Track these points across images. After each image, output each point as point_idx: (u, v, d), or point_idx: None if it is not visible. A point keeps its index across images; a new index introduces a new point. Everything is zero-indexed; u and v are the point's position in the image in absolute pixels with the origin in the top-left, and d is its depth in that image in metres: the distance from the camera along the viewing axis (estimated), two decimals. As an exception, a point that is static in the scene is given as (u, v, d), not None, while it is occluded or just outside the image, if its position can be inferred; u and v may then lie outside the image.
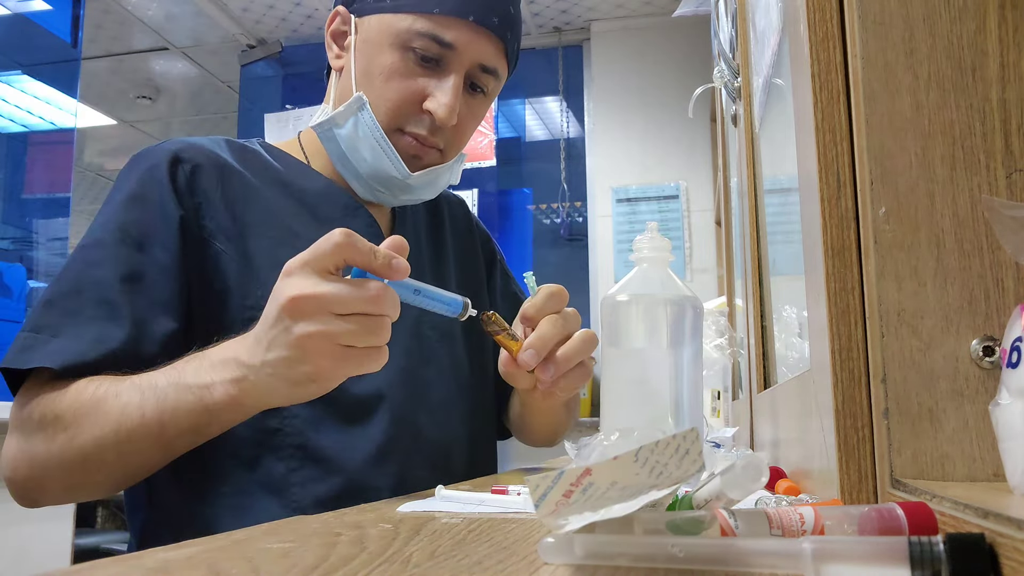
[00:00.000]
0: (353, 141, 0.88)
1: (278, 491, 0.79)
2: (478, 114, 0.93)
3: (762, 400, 1.05)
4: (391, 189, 0.91)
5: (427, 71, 0.86)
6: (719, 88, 1.48)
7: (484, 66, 0.88)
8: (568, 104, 4.02)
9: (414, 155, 0.88)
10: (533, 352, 0.72)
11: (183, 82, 4.60)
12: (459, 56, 0.86)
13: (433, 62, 0.86)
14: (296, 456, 0.80)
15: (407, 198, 0.94)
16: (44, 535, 2.23)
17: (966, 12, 0.45)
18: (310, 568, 0.36)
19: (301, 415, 0.81)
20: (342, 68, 0.91)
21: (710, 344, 1.35)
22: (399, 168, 0.87)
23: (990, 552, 0.29)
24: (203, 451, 0.80)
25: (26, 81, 3.45)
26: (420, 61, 0.85)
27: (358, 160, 0.89)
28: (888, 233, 0.44)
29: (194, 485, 0.80)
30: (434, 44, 0.84)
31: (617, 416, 0.67)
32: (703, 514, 0.37)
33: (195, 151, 0.86)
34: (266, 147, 0.95)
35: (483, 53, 0.87)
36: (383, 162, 0.87)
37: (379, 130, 0.86)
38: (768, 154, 1.01)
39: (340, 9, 0.92)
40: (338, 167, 0.92)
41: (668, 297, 0.66)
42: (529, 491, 0.34)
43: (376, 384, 0.85)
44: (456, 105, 0.86)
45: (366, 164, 0.88)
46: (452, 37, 0.85)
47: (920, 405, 0.43)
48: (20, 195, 3.44)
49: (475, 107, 0.91)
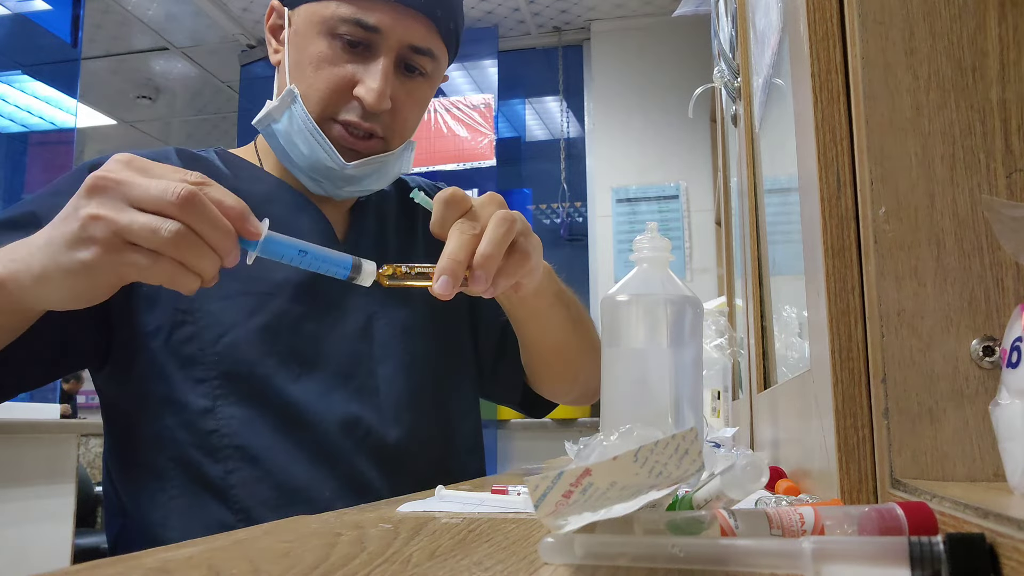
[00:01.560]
0: (290, 135, 0.87)
1: (220, 493, 0.79)
2: (419, 97, 0.90)
3: (762, 400, 1.05)
4: (333, 180, 0.89)
5: (355, 57, 0.85)
6: (719, 88, 1.48)
7: (415, 47, 0.86)
8: (568, 104, 4.02)
9: (349, 145, 0.87)
10: (446, 279, 0.63)
11: (183, 82, 4.61)
12: (386, 39, 0.84)
13: (361, 47, 0.84)
14: (233, 457, 0.80)
15: (353, 189, 0.91)
16: (44, 535, 2.24)
17: (966, 11, 0.45)
18: (310, 568, 0.36)
19: (237, 416, 0.80)
20: (279, 63, 0.90)
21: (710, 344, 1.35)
22: (334, 158, 0.86)
23: (990, 552, 0.29)
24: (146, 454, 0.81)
25: (26, 81, 3.46)
26: (347, 47, 0.84)
27: (296, 154, 0.87)
28: (888, 233, 0.44)
29: (144, 490, 0.81)
30: (359, 28, 0.83)
31: (617, 416, 0.67)
32: (703, 514, 0.37)
33: None
34: (221, 155, 0.95)
35: (412, 34, 0.85)
36: (318, 153, 0.86)
37: (311, 121, 0.85)
38: (768, 154, 1.01)
39: (274, 3, 0.91)
40: (284, 163, 0.90)
41: (668, 297, 0.66)
42: (529, 491, 0.34)
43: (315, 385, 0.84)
44: (385, 89, 0.84)
45: (304, 157, 0.87)
46: (376, 20, 0.83)
47: (920, 405, 0.43)
48: (20, 195, 3.44)
49: (414, 90, 0.89)
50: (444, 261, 0.64)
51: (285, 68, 0.88)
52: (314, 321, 0.87)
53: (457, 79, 4.12)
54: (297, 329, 0.86)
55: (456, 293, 0.64)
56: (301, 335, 0.86)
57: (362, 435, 0.85)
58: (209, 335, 0.82)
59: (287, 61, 0.88)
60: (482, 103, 3.82)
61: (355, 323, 0.90)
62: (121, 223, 0.55)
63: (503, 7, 3.74)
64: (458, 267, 0.64)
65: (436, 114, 3.85)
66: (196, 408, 0.80)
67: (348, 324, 0.89)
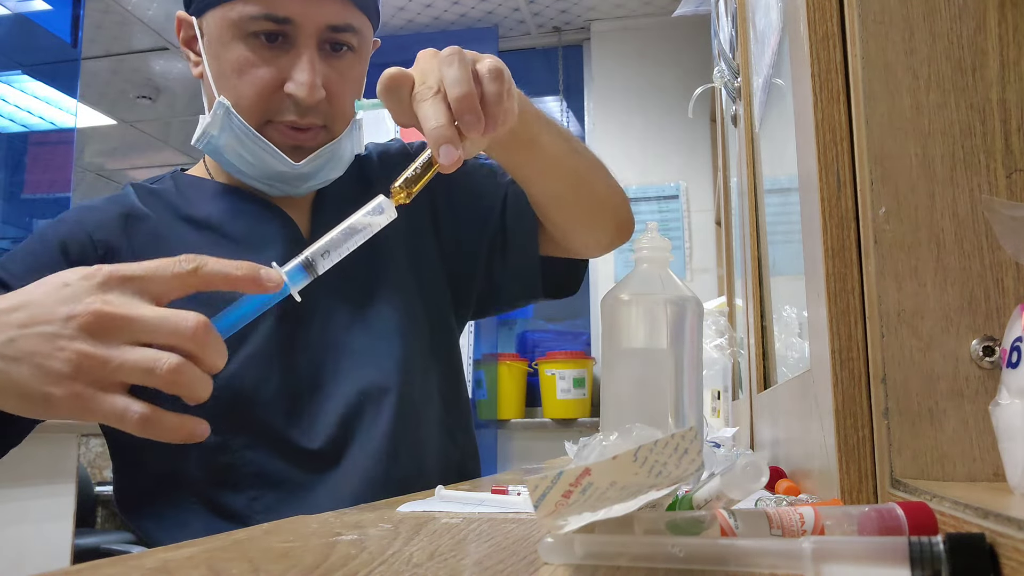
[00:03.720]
0: (233, 147, 0.84)
1: (245, 521, 0.79)
2: (350, 76, 0.86)
3: (762, 400, 1.05)
4: (288, 182, 0.87)
5: (276, 53, 0.82)
6: (719, 88, 1.48)
7: (334, 26, 0.83)
8: (568, 104, 4.02)
9: (293, 146, 0.84)
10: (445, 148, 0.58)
11: (183, 82, 4.60)
12: (301, 27, 0.81)
13: (279, 40, 0.81)
14: (256, 485, 0.80)
15: (312, 184, 0.89)
16: (44, 535, 2.23)
17: (966, 11, 0.45)
18: (310, 568, 0.36)
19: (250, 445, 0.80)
20: (202, 74, 0.87)
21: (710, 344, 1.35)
22: (283, 162, 0.83)
23: (990, 552, 0.29)
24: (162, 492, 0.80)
25: (26, 81, 3.45)
26: (266, 44, 0.81)
27: (244, 164, 0.85)
28: (888, 233, 0.44)
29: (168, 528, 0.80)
30: (271, 23, 0.80)
31: (617, 416, 0.67)
32: (703, 514, 0.37)
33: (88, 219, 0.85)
34: (176, 178, 0.93)
35: (326, 14, 0.82)
36: (266, 160, 0.83)
37: (250, 130, 0.82)
38: (768, 154, 1.01)
39: (180, 14, 0.88)
40: (235, 176, 0.88)
41: (668, 297, 0.66)
42: (528, 491, 0.34)
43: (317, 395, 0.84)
44: (315, 79, 0.81)
45: (252, 166, 0.85)
46: (287, 11, 0.80)
47: (920, 405, 0.43)
48: (20, 195, 3.44)
49: (343, 69, 0.85)
50: (429, 135, 0.59)
51: (209, 79, 0.85)
52: (303, 334, 0.86)
53: (457, 79, 4.11)
54: (290, 347, 0.85)
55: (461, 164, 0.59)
56: (295, 351, 0.85)
57: (370, 435, 0.86)
58: None
59: (208, 72, 0.85)
60: (482, 103, 3.81)
61: (344, 326, 0.89)
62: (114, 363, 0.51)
63: (503, 7, 3.73)
64: (445, 130, 0.59)
65: (436, 114, 3.84)
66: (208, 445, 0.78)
67: (338, 329, 0.89)
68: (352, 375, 0.87)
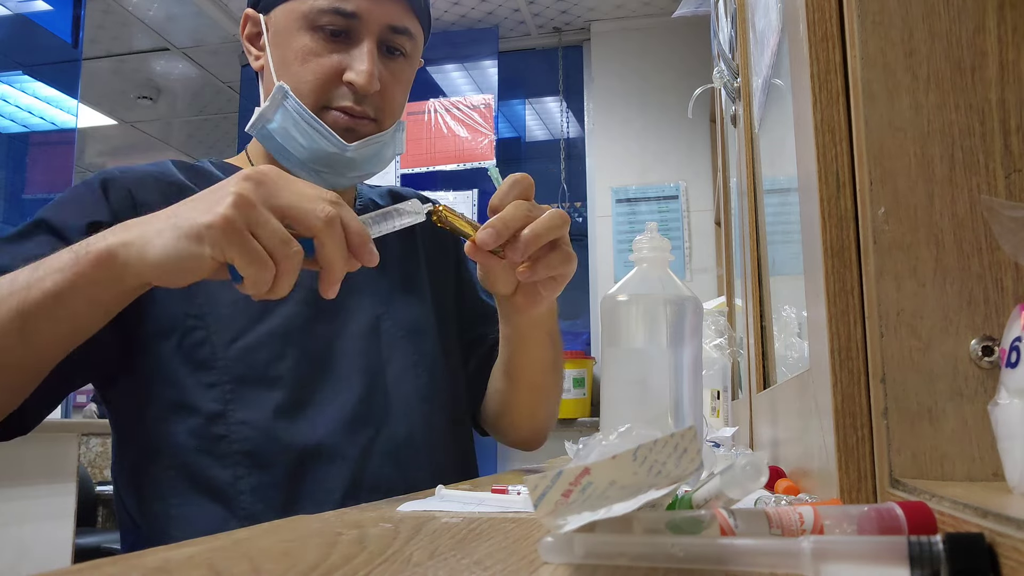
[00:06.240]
0: (286, 131, 0.87)
1: (227, 500, 0.79)
2: (402, 78, 0.92)
3: (762, 400, 1.05)
4: (335, 167, 0.89)
5: (339, 45, 0.87)
6: (719, 88, 1.48)
7: (394, 27, 0.88)
8: (568, 104, 4.02)
9: (346, 128, 0.88)
10: (492, 231, 0.67)
11: (183, 82, 4.61)
12: (366, 23, 0.87)
13: (343, 35, 0.87)
14: (243, 464, 0.80)
15: (355, 175, 0.92)
16: (44, 535, 2.24)
17: (965, 12, 0.45)
18: (310, 567, 0.36)
19: (248, 421, 0.80)
20: (262, 67, 0.92)
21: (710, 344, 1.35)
22: (335, 142, 0.87)
23: (989, 552, 0.29)
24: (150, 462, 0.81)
25: (27, 81, 3.46)
26: (330, 37, 0.86)
27: (295, 148, 0.88)
28: (887, 233, 0.44)
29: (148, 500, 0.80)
30: (339, 17, 0.86)
31: (617, 416, 0.67)
32: (703, 514, 0.37)
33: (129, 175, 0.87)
34: (217, 165, 0.95)
35: (389, 14, 0.88)
36: (318, 141, 0.87)
37: (306, 111, 0.86)
38: (768, 154, 1.01)
39: (248, 12, 0.93)
40: (282, 163, 0.90)
41: (668, 297, 0.66)
42: (528, 491, 0.34)
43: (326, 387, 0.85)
44: (374, 70, 0.86)
45: (303, 149, 0.88)
46: (354, 6, 0.86)
47: (919, 405, 0.43)
48: (20, 195, 3.44)
49: (396, 71, 0.91)
50: (495, 220, 0.68)
51: (270, 69, 0.89)
52: (324, 323, 0.88)
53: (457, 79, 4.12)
54: (308, 332, 0.86)
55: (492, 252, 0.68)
56: (312, 338, 0.86)
57: (372, 434, 0.86)
58: (221, 339, 0.82)
59: (270, 62, 0.89)
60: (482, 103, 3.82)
61: (363, 324, 0.91)
62: (262, 215, 0.57)
63: (503, 8, 3.74)
64: (505, 230, 0.68)
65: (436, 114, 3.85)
66: (206, 412, 0.80)
67: (356, 325, 0.90)
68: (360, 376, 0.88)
